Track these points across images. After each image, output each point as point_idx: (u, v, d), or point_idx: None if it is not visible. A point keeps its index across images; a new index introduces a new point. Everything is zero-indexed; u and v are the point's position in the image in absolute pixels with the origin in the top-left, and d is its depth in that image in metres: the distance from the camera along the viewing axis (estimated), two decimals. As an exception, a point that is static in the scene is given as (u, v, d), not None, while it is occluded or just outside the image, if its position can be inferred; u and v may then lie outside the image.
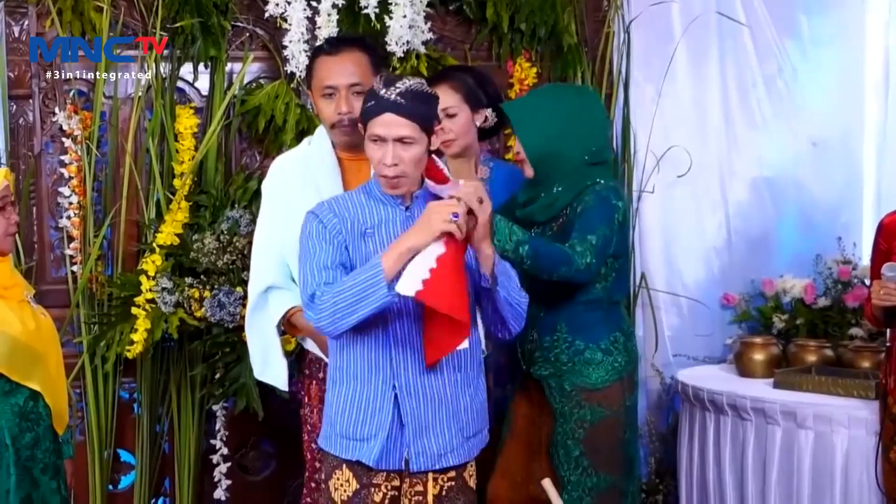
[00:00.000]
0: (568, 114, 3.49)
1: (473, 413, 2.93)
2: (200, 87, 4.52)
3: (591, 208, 3.40)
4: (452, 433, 2.88)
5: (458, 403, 2.88)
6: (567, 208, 3.47)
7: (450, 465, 2.88)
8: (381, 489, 2.88)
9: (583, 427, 3.49)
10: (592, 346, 3.50)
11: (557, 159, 3.46)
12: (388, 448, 2.86)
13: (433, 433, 2.86)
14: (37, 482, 3.15)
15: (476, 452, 2.97)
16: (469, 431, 2.92)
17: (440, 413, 2.86)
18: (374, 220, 2.87)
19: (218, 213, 4.26)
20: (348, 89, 3.30)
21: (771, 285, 4.92)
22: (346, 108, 3.29)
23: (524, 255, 3.25)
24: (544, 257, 3.28)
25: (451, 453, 2.88)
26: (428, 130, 2.80)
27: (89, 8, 4.31)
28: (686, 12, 4.98)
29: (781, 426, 4.02)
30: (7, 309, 3.11)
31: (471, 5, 4.69)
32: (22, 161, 4.37)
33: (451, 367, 2.86)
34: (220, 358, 4.11)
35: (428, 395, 2.85)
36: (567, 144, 3.46)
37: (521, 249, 3.24)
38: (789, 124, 5.15)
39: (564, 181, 3.47)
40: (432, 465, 2.86)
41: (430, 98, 2.82)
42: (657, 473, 4.88)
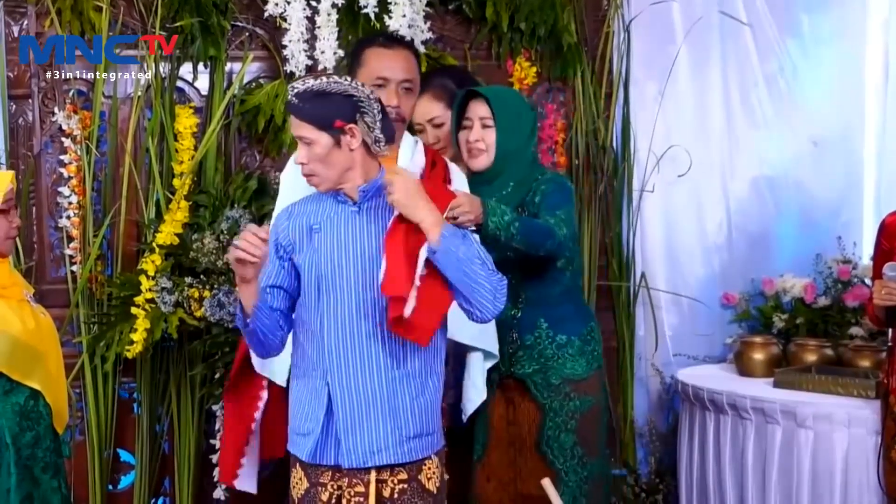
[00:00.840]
0: (533, 119, 3.65)
1: (414, 413, 2.85)
2: (200, 86, 4.52)
3: (552, 192, 3.49)
4: (388, 430, 2.82)
5: (395, 400, 2.82)
6: (522, 205, 3.52)
7: (385, 463, 2.82)
8: (327, 488, 2.86)
9: (574, 418, 3.54)
10: (574, 337, 3.56)
11: (518, 159, 3.54)
12: (322, 443, 2.85)
13: (365, 428, 2.81)
14: (37, 481, 3.16)
15: (421, 455, 2.87)
16: (409, 432, 2.84)
17: (373, 409, 2.81)
18: (323, 218, 2.89)
19: (217, 212, 4.26)
20: (399, 84, 3.31)
21: (771, 285, 4.92)
22: (396, 101, 3.29)
23: (514, 231, 3.26)
24: (532, 232, 3.32)
25: (384, 451, 2.82)
26: (328, 128, 2.79)
27: (88, 7, 4.31)
28: (687, 11, 4.98)
29: (781, 425, 4.02)
30: (7, 308, 3.12)
31: (470, 5, 4.69)
32: (21, 161, 4.38)
33: (388, 364, 2.82)
34: (219, 358, 4.11)
35: (360, 390, 2.81)
36: (529, 144, 3.59)
37: (513, 227, 3.26)
38: (790, 123, 5.14)
39: (515, 180, 3.54)
40: (363, 461, 2.80)
41: (329, 95, 2.79)
42: (657, 473, 4.88)
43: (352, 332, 2.82)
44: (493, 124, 3.52)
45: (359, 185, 2.85)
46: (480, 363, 3.46)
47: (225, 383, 3.60)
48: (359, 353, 2.82)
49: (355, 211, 2.87)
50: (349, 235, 2.85)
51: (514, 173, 3.54)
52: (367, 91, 2.83)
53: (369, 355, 2.82)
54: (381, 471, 2.83)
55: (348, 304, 2.82)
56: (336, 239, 2.86)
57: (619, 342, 4.92)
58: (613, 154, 4.93)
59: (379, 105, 2.84)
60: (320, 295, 2.85)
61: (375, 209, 2.86)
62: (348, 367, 2.82)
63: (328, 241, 2.86)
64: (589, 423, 3.57)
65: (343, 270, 2.83)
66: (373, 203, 2.87)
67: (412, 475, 2.86)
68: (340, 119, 2.79)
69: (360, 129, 2.80)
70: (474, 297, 2.78)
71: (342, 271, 2.83)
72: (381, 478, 2.84)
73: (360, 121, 2.80)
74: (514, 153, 3.53)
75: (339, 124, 2.79)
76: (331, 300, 2.83)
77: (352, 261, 2.84)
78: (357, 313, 2.82)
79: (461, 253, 2.74)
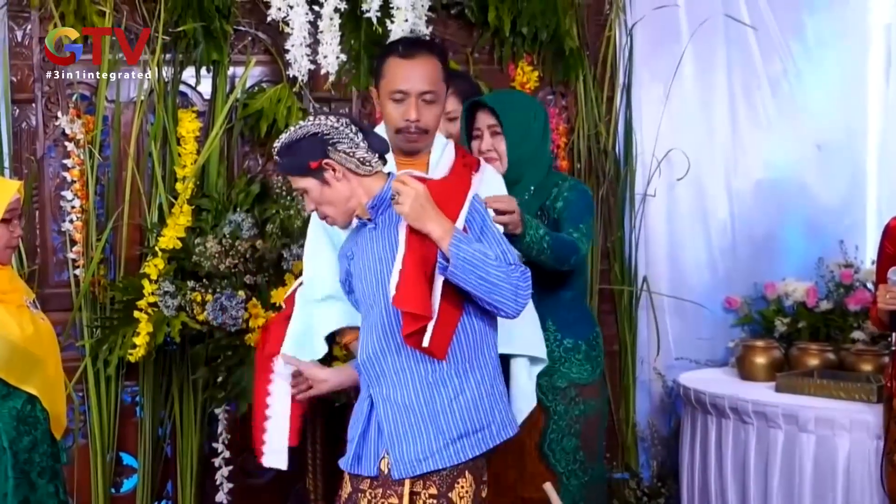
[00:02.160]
0: (544, 119, 3.61)
1: (454, 414, 2.82)
2: (203, 90, 4.53)
3: (575, 201, 3.50)
4: (430, 437, 2.80)
5: (433, 406, 2.81)
6: (541, 210, 3.53)
7: (429, 469, 2.80)
8: (366, 495, 2.87)
9: (578, 422, 3.54)
10: (581, 342, 3.56)
11: (534, 163, 3.53)
12: (361, 454, 2.87)
13: (410, 439, 2.81)
14: (34, 486, 3.16)
15: (471, 454, 2.83)
16: (452, 434, 2.81)
17: (412, 418, 2.81)
18: (353, 243, 2.96)
19: (220, 216, 4.26)
20: (419, 96, 3.13)
21: (773, 288, 4.92)
22: (416, 115, 3.14)
23: (546, 246, 3.29)
24: (561, 248, 3.34)
25: (430, 458, 2.80)
26: (307, 173, 2.84)
27: (92, 12, 4.31)
28: (690, 14, 4.98)
29: (783, 430, 4.03)
30: (5, 313, 3.12)
31: (472, 9, 4.70)
32: (25, 165, 4.38)
33: (422, 372, 2.81)
34: (222, 361, 4.10)
35: (398, 401, 2.82)
36: (542, 150, 3.58)
37: (545, 241, 3.29)
38: (794, 126, 5.15)
39: (534, 184, 3.53)
40: (412, 471, 2.80)
41: (296, 143, 2.84)
42: (659, 476, 4.88)
43: (384, 345, 2.83)
44: (501, 132, 3.51)
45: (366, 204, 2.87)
46: (526, 369, 3.35)
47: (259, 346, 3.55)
48: (391, 364, 2.83)
49: (373, 228, 2.89)
50: (371, 252, 2.88)
51: (532, 177, 3.53)
52: (330, 122, 2.83)
53: (402, 365, 2.82)
54: (415, 482, 2.81)
55: (378, 318, 2.84)
56: (363, 259, 2.89)
57: (621, 346, 4.92)
58: (616, 158, 4.94)
59: (353, 128, 2.84)
60: (363, 314, 2.92)
61: (389, 220, 2.86)
62: (385, 379, 2.84)
63: (358, 263, 2.91)
64: (592, 428, 3.57)
65: (370, 287, 2.86)
66: (385, 215, 2.88)
67: (442, 491, 2.81)
68: (311, 160, 2.82)
69: (336, 161, 2.82)
70: (493, 298, 2.75)
71: (370, 288, 2.86)
72: (414, 490, 2.81)
73: (334, 152, 2.82)
74: (529, 157, 3.52)
75: (313, 165, 2.82)
76: (367, 318, 2.89)
77: (376, 276, 2.85)
78: (386, 325, 2.82)
79: (475, 258, 2.72)
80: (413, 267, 2.71)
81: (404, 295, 2.70)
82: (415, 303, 2.68)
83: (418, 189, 2.72)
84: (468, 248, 2.72)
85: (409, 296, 2.69)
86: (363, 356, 2.87)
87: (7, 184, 3.25)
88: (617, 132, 4.94)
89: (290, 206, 4.21)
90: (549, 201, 3.52)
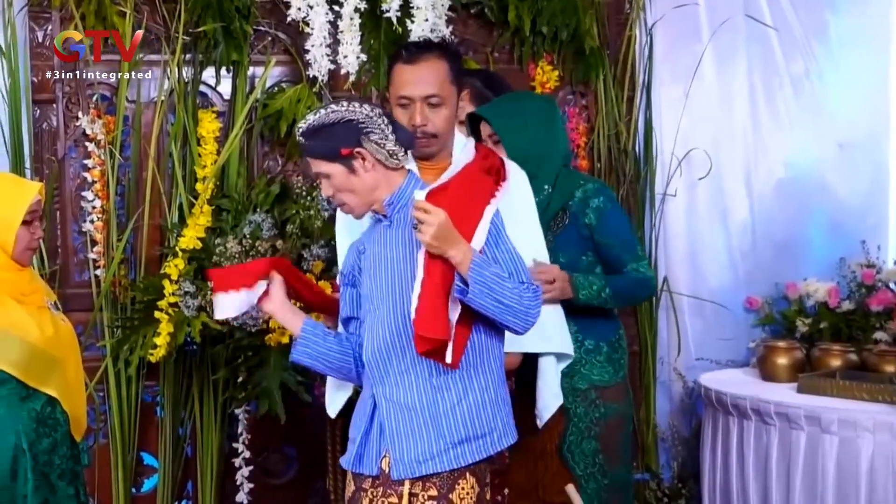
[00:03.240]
0: (548, 116, 3.60)
1: (457, 419, 2.80)
2: (223, 91, 4.54)
3: (609, 213, 3.51)
4: (432, 439, 2.78)
5: (435, 408, 2.79)
6: (564, 210, 3.52)
7: (429, 472, 2.78)
8: (367, 494, 2.86)
9: (598, 425, 3.52)
10: (602, 343, 3.56)
11: (542, 161, 3.52)
12: (363, 453, 2.86)
13: (411, 440, 2.79)
14: (54, 488, 3.15)
15: (471, 459, 2.80)
16: (453, 438, 2.79)
17: (414, 420, 2.79)
18: (367, 239, 2.94)
19: (240, 216, 4.26)
20: (423, 101, 3.09)
21: (794, 289, 4.89)
22: (421, 120, 3.11)
23: (606, 297, 3.43)
24: (625, 292, 3.47)
25: (430, 460, 2.78)
26: (337, 158, 2.80)
27: (112, 13, 4.33)
28: (711, 13, 4.97)
29: (806, 431, 4.00)
30: (26, 315, 3.12)
31: (492, 8, 4.70)
32: (46, 165, 4.40)
33: (426, 373, 2.79)
34: (242, 362, 4.11)
35: (401, 401, 2.80)
36: (551, 146, 3.56)
37: (604, 293, 3.41)
38: (815, 126, 5.12)
39: (551, 182, 3.53)
40: (411, 472, 2.78)
41: (328, 127, 2.80)
42: (679, 478, 4.86)
43: (390, 344, 2.81)
44: (499, 139, 3.52)
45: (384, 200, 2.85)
46: (554, 366, 3.35)
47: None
48: (396, 365, 2.81)
49: (387, 225, 2.87)
50: (384, 250, 2.86)
51: (545, 175, 3.52)
52: (365, 110, 2.80)
53: (407, 366, 2.80)
54: (414, 483, 2.79)
55: (385, 317, 2.82)
56: (375, 256, 2.87)
57: (641, 346, 4.91)
58: (636, 157, 4.92)
59: (385, 119, 2.82)
60: (366, 312, 2.88)
61: (403, 220, 2.84)
62: (389, 378, 2.82)
63: (369, 260, 2.88)
64: (613, 432, 3.55)
65: (380, 285, 2.84)
66: (401, 214, 2.86)
67: (442, 493, 2.79)
68: (344, 147, 2.78)
69: (368, 150, 2.79)
70: (504, 318, 2.75)
71: (379, 285, 2.84)
72: (413, 491, 2.80)
73: (367, 142, 2.79)
74: (536, 156, 3.50)
75: (345, 152, 2.78)
76: (373, 315, 2.85)
77: (386, 274, 2.83)
78: (393, 325, 2.80)
79: (492, 282, 2.70)
80: (432, 291, 2.66)
81: (425, 321, 2.65)
82: (435, 328, 2.64)
83: (441, 219, 2.64)
84: (486, 273, 2.70)
85: (429, 321, 2.65)
86: (367, 355, 2.85)
87: (28, 185, 3.24)
88: (637, 132, 4.93)
89: (310, 206, 4.21)
90: (572, 202, 3.51)
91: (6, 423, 3.08)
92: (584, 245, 3.53)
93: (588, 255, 3.53)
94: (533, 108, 3.60)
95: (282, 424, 4.14)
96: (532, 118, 3.55)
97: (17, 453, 3.08)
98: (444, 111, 3.12)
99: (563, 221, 3.52)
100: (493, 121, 3.53)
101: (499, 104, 3.68)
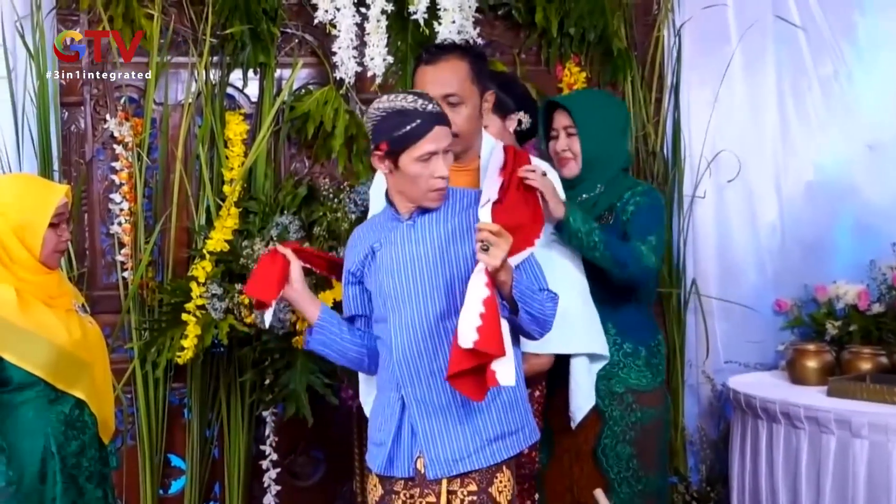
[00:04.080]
0: (623, 118, 3.63)
1: (492, 415, 2.83)
2: (250, 93, 4.55)
3: (645, 210, 3.48)
4: (467, 438, 2.81)
5: (469, 406, 2.81)
6: (610, 210, 3.51)
7: (467, 470, 2.81)
8: (400, 496, 2.87)
9: (634, 429, 3.49)
10: (641, 347, 3.52)
11: (607, 162, 3.52)
12: (395, 455, 2.86)
13: (445, 440, 2.81)
14: (82, 490, 3.16)
15: (506, 455, 2.84)
16: (489, 434, 2.82)
17: (449, 419, 2.81)
18: (382, 237, 2.94)
19: (267, 219, 4.27)
20: (443, 100, 3.07)
21: (824, 291, 4.86)
22: None
23: (598, 241, 3.30)
24: (616, 249, 3.34)
25: (467, 458, 2.81)
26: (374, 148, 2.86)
27: (140, 15, 4.34)
28: (740, 14, 4.94)
29: (836, 435, 3.96)
30: (54, 318, 3.12)
31: (520, 10, 4.69)
32: (74, 168, 4.42)
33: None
34: (269, 364, 4.11)
35: (435, 402, 2.82)
36: (618, 148, 3.56)
37: (595, 235, 3.29)
38: (845, 128, 5.08)
39: (604, 181, 3.53)
40: (448, 471, 2.80)
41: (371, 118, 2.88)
42: (708, 481, 4.83)
43: (419, 344, 2.82)
44: (576, 132, 3.52)
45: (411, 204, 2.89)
46: (586, 367, 3.36)
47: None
48: (427, 365, 2.82)
49: (410, 224, 2.88)
50: (407, 250, 2.87)
51: (602, 174, 3.53)
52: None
53: (440, 367, 2.80)
54: (452, 481, 2.81)
55: (413, 317, 2.83)
56: (395, 255, 2.88)
57: (669, 349, 4.88)
58: (664, 159, 4.90)
59: None
60: (388, 311, 2.88)
61: (429, 221, 2.87)
62: (420, 379, 2.83)
63: (388, 258, 2.89)
64: (649, 437, 3.51)
65: (405, 285, 2.85)
66: (426, 216, 2.87)
67: (482, 487, 2.82)
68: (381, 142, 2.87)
69: None
70: (531, 328, 2.83)
71: (404, 286, 2.85)
72: (451, 488, 2.82)
73: None
74: (604, 156, 3.52)
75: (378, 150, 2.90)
76: (397, 315, 2.85)
77: (412, 274, 2.85)
78: (422, 325, 2.82)
79: (527, 296, 2.78)
80: (494, 311, 2.66)
81: (488, 339, 2.63)
82: (496, 345, 2.64)
83: (510, 243, 2.68)
84: (524, 289, 2.77)
85: (492, 339, 2.64)
86: (396, 356, 2.85)
87: (54, 188, 3.25)
88: (665, 133, 4.91)
89: (337, 208, 4.21)
90: (619, 203, 3.51)
91: (35, 426, 3.08)
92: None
93: None
94: (613, 110, 3.62)
95: (309, 427, 4.14)
96: (611, 119, 3.56)
97: (46, 456, 3.09)
98: (464, 110, 3.13)
99: (608, 220, 3.50)
100: (577, 115, 3.51)
101: (582, 99, 3.70)
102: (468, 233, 2.82)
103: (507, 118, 3.70)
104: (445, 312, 2.80)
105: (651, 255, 3.41)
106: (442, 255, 2.82)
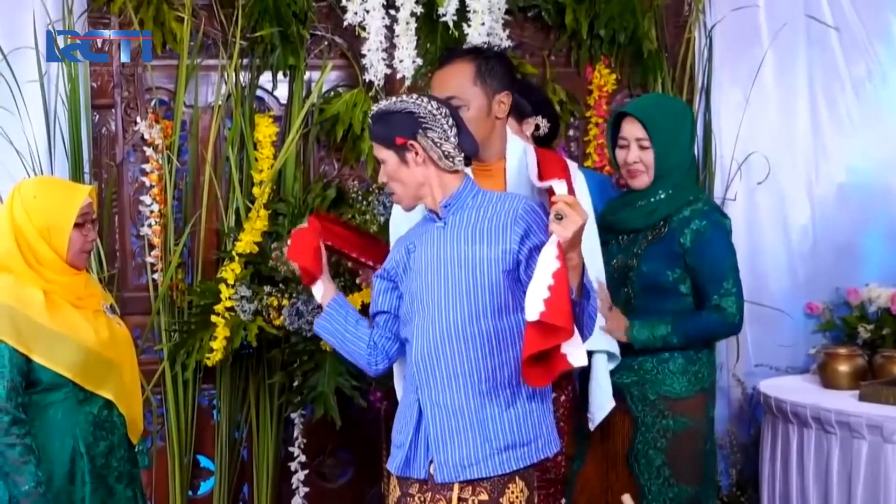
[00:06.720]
0: (691, 124, 3.60)
1: (504, 425, 2.81)
2: (279, 95, 4.56)
3: (709, 241, 3.44)
4: (477, 444, 2.79)
5: (483, 413, 2.79)
6: (666, 222, 3.48)
7: (476, 476, 2.78)
8: (415, 499, 2.86)
9: (665, 437, 3.47)
10: (677, 354, 3.49)
11: (675, 171, 3.50)
12: (412, 457, 2.86)
13: (456, 443, 2.80)
14: (112, 491, 3.18)
15: (516, 466, 2.81)
16: (499, 443, 2.80)
17: (461, 423, 2.80)
18: (417, 237, 2.95)
19: (296, 221, 4.27)
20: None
21: (856, 294, 4.82)
22: None
23: (669, 337, 3.41)
24: (697, 334, 3.44)
25: (476, 465, 2.78)
26: (389, 144, 2.84)
27: (170, 18, 4.37)
28: (771, 15, 4.90)
29: (867, 440, 3.92)
30: (82, 319, 3.14)
31: (549, 12, 4.67)
32: (104, 170, 4.45)
33: (476, 379, 2.79)
34: (298, 366, 4.12)
35: (448, 405, 2.80)
36: (687, 157, 3.55)
37: (671, 341, 3.40)
38: (877, 129, 5.03)
39: (667, 190, 3.49)
40: (456, 476, 2.79)
41: (390, 114, 2.85)
42: (738, 485, 4.81)
43: (439, 347, 2.81)
44: (650, 145, 3.47)
45: (439, 201, 2.86)
46: (604, 364, 3.37)
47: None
48: (445, 368, 2.81)
49: (441, 227, 2.88)
50: (436, 252, 2.86)
51: (669, 182, 3.49)
52: (430, 107, 2.83)
53: (456, 370, 2.80)
54: (464, 488, 2.79)
55: (436, 319, 2.82)
56: (425, 256, 2.88)
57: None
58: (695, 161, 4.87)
59: (450, 120, 2.83)
60: (414, 311, 2.88)
61: (459, 223, 2.85)
62: (437, 382, 2.82)
63: (419, 259, 2.89)
64: (683, 446, 3.47)
65: (431, 286, 2.84)
66: (457, 217, 2.86)
67: (493, 497, 2.79)
68: (399, 136, 2.82)
69: (421, 145, 2.82)
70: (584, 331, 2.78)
71: (430, 287, 2.84)
72: (462, 496, 2.80)
73: (423, 136, 2.81)
74: (675, 167, 3.49)
75: (399, 142, 2.83)
76: (422, 316, 2.85)
77: (438, 276, 2.84)
78: (443, 326, 2.81)
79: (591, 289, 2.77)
80: (563, 283, 2.60)
81: (555, 311, 2.57)
82: (564, 318, 2.58)
83: (585, 218, 2.62)
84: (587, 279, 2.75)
85: (559, 310, 2.58)
86: (416, 356, 2.85)
87: (78, 188, 3.26)
88: (696, 135, 4.87)
89: (366, 210, 4.22)
90: (676, 217, 3.46)
91: (64, 426, 3.10)
92: (674, 262, 3.47)
93: (676, 272, 3.47)
94: (684, 119, 3.56)
95: (337, 429, 4.15)
96: (683, 129, 3.53)
97: (75, 456, 3.11)
98: (467, 113, 3.09)
99: (661, 233, 3.47)
100: (651, 126, 3.46)
101: (654, 110, 3.56)
102: (495, 235, 2.81)
103: (523, 122, 3.69)
104: (468, 315, 2.78)
105: (733, 307, 3.42)
106: (467, 257, 2.81)
